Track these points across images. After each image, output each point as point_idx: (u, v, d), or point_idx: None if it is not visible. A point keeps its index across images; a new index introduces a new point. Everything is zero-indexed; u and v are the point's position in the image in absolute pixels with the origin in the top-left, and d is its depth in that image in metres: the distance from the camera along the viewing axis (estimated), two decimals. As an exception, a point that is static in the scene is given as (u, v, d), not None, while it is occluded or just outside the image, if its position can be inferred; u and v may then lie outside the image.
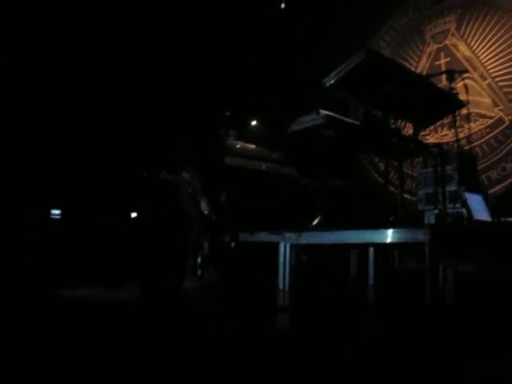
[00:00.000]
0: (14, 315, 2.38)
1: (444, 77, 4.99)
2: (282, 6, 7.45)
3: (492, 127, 5.65)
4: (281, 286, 3.41)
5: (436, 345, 1.90)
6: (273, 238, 3.46)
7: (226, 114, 4.45)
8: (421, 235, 2.83)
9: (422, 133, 5.66)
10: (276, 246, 3.43)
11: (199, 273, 3.82)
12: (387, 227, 2.98)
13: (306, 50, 6.71)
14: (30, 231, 5.42)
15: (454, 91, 4.28)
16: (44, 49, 5.85)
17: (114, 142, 6.13)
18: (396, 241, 2.95)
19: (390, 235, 2.94)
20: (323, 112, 3.22)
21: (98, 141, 6.14)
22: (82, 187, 6.06)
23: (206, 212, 3.73)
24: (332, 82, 3.15)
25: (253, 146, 4.32)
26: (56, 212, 6.23)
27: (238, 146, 4.46)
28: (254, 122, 4.58)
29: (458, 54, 6.02)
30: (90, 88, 6.16)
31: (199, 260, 3.86)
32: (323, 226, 3.37)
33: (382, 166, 5.89)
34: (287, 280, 3.38)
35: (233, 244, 3.95)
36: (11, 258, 4.59)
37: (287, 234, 3.38)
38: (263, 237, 3.57)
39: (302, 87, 5.06)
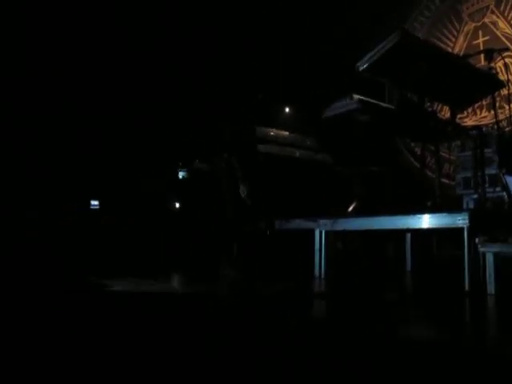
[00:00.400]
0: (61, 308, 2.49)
1: (482, 56, 4.81)
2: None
3: (534, 108, 5.42)
4: (317, 273, 3.42)
5: (474, 336, 1.88)
6: (308, 224, 3.46)
7: (258, 97, 4.46)
8: (459, 220, 2.78)
9: (459, 115, 5.53)
10: (312, 232, 3.44)
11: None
12: (424, 212, 2.93)
13: (339, 32, 6.60)
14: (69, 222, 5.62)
15: (493, 71, 4.13)
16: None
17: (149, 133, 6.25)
18: (433, 226, 2.90)
19: (427, 220, 2.90)
20: (356, 96, 3.18)
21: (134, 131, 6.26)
22: (120, 178, 6.22)
23: (244, 195, 3.77)
24: (365, 65, 3.10)
25: (286, 133, 4.31)
26: (95, 203, 6.43)
27: (272, 133, 4.46)
28: (287, 109, 4.56)
29: (497, 32, 5.79)
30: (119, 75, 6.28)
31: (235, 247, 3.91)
32: (359, 212, 3.35)
33: (418, 151, 5.77)
34: (323, 267, 3.39)
35: (268, 231, 3.98)
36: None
37: (322, 221, 3.37)
38: (298, 224, 3.58)
39: (336, 71, 5.00)
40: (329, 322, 2.13)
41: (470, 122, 5.84)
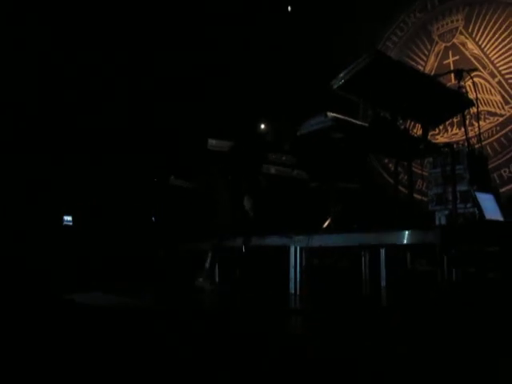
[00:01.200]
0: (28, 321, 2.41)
1: (453, 76, 4.96)
2: (289, 8, 7.48)
3: (502, 125, 5.60)
4: (292, 289, 3.41)
5: (446, 347, 1.89)
6: (283, 241, 3.46)
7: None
8: (431, 236, 2.83)
9: (431, 132, 5.66)
10: (287, 249, 3.44)
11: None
12: (398, 229, 2.97)
13: (312, 51, 6.71)
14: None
15: (463, 90, 4.25)
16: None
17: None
18: (407, 242, 2.94)
19: (400, 237, 2.94)
20: (331, 114, 3.22)
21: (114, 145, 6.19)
22: (94, 193, 6.12)
23: (248, 207, 3.78)
24: (340, 83, 3.15)
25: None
26: (68, 219, 6.31)
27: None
28: (262, 126, 4.58)
29: (466, 53, 5.98)
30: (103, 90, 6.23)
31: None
32: (334, 229, 3.37)
33: (392, 167, 5.87)
34: (298, 283, 3.38)
35: (244, 247, 3.97)
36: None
37: (298, 237, 3.38)
38: (274, 240, 3.57)
39: (310, 89, 5.07)
40: (303, 339, 2.12)
41: (441, 138, 5.98)
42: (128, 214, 5.96)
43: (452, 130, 5.94)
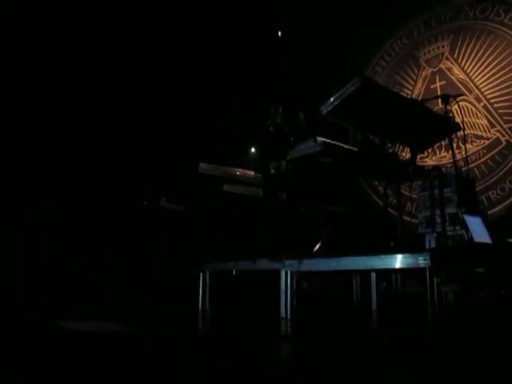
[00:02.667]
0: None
1: (440, 100, 5.06)
2: (279, 33, 7.61)
3: (489, 148, 5.70)
4: (283, 313, 3.39)
5: (437, 372, 1.89)
6: (274, 265, 3.46)
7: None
8: (422, 260, 2.84)
9: (420, 155, 5.74)
10: (277, 273, 3.43)
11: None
12: (388, 253, 2.98)
13: (301, 75, 6.81)
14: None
15: (450, 114, 4.33)
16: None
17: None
18: (397, 266, 2.95)
19: (390, 261, 2.95)
20: (320, 139, 3.27)
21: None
22: (81, 216, 6.07)
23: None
24: (328, 109, 3.20)
25: (252, 173, 4.35)
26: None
27: (238, 172, 4.50)
28: (252, 149, 4.62)
29: (452, 77, 6.12)
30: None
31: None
32: (324, 253, 3.38)
33: (381, 190, 5.92)
34: (289, 307, 3.37)
35: (234, 271, 3.96)
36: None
37: (288, 262, 3.38)
38: (264, 264, 3.57)
39: (299, 114, 5.14)
40: (295, 365, 2.10)
41: (430, 161, 6.06)
42: (117, 235, 5.92)
43: (440, 153, 6.02)
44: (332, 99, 3.18)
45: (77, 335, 2.70)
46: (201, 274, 4.19)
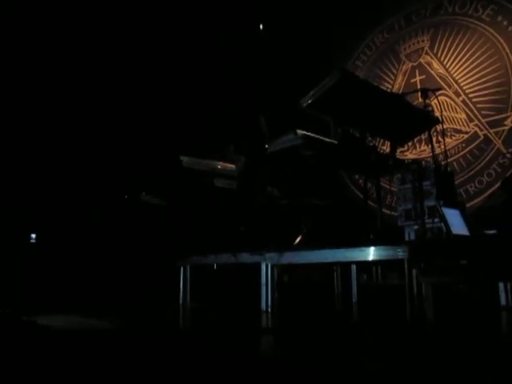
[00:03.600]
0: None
1: (419, 94, 5.11)
2: (261, 26, 7.59)
3: (468, 142, 5.77)
4: (263, 307, 3.40)
5: (416, 364, 1.91)
6: (254, 258, 3.46)
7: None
8: (400, 252, 2.87)
9: (401, 149, 5.79)
10: (258, 266, 3.43)
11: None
12: (368, 245, 3.01)
13: (283, 69, 6.80)
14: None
15: (429, 108, 4.38)
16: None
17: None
18: (376, 258, 2.98)
19: (370, 253, 2.97)
20: (301, 132, 3.26)
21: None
22: (60, 211, 5.99)
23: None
24: (308, 102, 3.20)
25: (232, 166, 4.34)
26: (32, 236, 6.15)
27: (219, 166, 4.48)
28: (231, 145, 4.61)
29: (432, 72, 6.18)
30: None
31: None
32: (305, 245, 3.38)
33: (362, 183, 5.96)
34: (270, 300, 3.37)
35: (215, 265, 3.95)
36: None
37: (269, 254, 3.38)
38: (245, 257, 3.56)
39: (280, 107, 5.14)
40: (275, 358, 2.10)
41: (410, 155, 6.12)
42: (97, 231, 5.85)
43: (420, 147, 6.09)
44: (312, 92, 3.18)
45: (49, 331, 2.66)
46: (181, 268, 4.17)
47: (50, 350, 2.23)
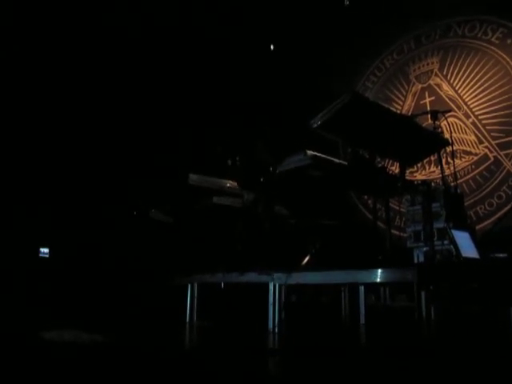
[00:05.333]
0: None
1: (429, 116, 5.12)
2: (272, 47, 7.68)
3: (477, 164, 5.76)
4: (271, 326, 3.37)
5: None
6: (262, 278, 3.45)
7: (217, 150, 4.53)
8: (409, 275, 2.85)
9: (410, 170, 5.79)
10: (266, 286, 3.42)
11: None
12: (376, 266, 2.99)
13: (293, 90, 6.86)
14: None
15: (439, 130, 4.39)
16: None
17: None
18: (385, 280, 2.96)
19: (379, 275, 2.95)
20: (310, 152, 3.28)
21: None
22: (73, 225, 6.04)
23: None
24: (318, 123, 3.23)
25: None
26: (45, 251, 6.18)
27: (228, 184, 4.50)
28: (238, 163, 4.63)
29: (441, 94, 6.20)
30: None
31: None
32: (312, 266, 3.37)
33: (371, 203, 5.95)
34: (277, 320, 3.35)
35: (222, 284, 3.94)
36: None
37: (276, 274, 3.37)
38: (252, 277, 3.55)
39: (290, 127, 5.18)
40: (281, 379, 2.09)
41: (419, 176, 6.11)
42: (107, 247, 5.88)
43: (430, 168, 6.08)
44: (322, 113, 3.21)
45: (57, 346, 2.66)
46: (188, 286, 4.16)
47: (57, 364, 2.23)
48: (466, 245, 3.91)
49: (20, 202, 5.78)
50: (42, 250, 6.17)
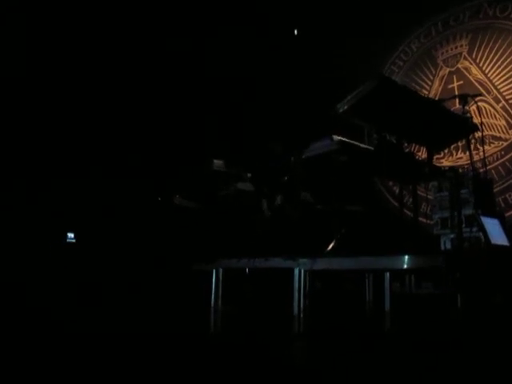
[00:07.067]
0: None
1: (457, 100, 5.00)
2: (295, 32, 7.59)
3: (507, 150, 5.62)
4: (295, 312, 3.38)
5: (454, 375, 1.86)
6: (287, 263, 3.44)
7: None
8: (437, 261, 2.81)
9: (436, 156, 5.68)
10: (291, 271, 3.42)
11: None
12: (403, 253, 2.95)
13: (319, 75, 6.78)
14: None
15: (468, 114, 4.28)
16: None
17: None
18: (413, 267, 2.92)
19: (405, 261, 2.92)
20: (336, 138, 3.24)
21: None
22: (98, 211, 6.14)
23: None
24: (345, 108, 3.18)
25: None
26: (71, 235, 6.32)
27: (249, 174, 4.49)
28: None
29: (470, 77, 6.04)
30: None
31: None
32: (338, 252, 3.35)
33: (396, 190, 5.87)
34: (302, 306, 3.35)
35: (247, 269, 3.96)
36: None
37: (302, 260, 3.36)
38: (277, 262, 3.55)
39: (316, 112, 5.12)
40: (308, 364, 2.09)
41: (446, 162, 5.99)
42: (131, 233, 5.96)
43: (457, 154, 5.95)
44: (348, 98, 3.16)
45: (83, 336, 2.72)
46: (213, 272, 4.19)
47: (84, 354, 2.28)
48: (495, 232, 3.84)
49: (47, 188, 5.90)
50: (69, 235, 6.31)
